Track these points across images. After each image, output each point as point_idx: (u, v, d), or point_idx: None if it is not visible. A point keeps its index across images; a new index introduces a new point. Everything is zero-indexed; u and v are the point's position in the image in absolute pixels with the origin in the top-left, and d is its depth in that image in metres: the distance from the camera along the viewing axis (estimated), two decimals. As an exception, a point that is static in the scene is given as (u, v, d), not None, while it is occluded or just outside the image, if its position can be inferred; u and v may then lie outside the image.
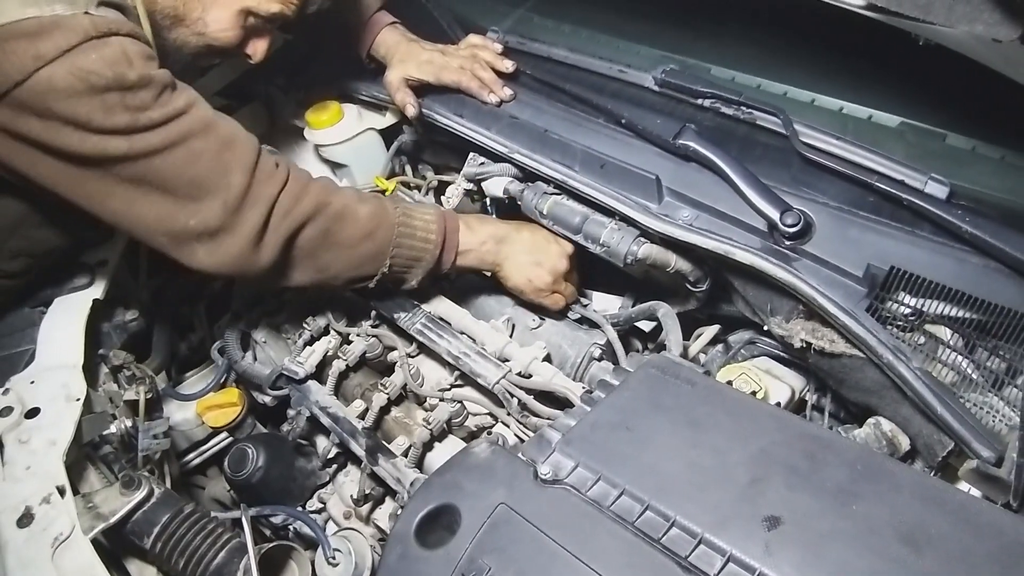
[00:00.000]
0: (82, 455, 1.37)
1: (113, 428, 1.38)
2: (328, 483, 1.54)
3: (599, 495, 0.94)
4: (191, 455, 1.66)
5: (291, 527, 1.48)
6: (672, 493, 0.93)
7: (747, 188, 1.25)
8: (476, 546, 0.92)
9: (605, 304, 1.55)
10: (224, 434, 1.65)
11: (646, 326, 1.56)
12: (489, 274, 1.49)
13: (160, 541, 1.26)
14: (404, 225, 1.36)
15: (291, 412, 1.56)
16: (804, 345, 1.22)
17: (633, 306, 1.53)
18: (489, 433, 1.34)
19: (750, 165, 1.27)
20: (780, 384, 1.31)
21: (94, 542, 1.20)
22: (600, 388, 1.10)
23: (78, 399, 1.37)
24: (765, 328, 1.33)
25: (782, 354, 1.39)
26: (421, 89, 1.62)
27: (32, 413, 1.36)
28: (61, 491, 1.24)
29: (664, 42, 1.54)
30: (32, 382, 1.41)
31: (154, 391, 1.44)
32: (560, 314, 1.49)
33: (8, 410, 1.36)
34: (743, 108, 1.34)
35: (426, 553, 0.93)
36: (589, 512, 0.93)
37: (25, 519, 1.21)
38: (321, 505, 1.52)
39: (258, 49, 1.43)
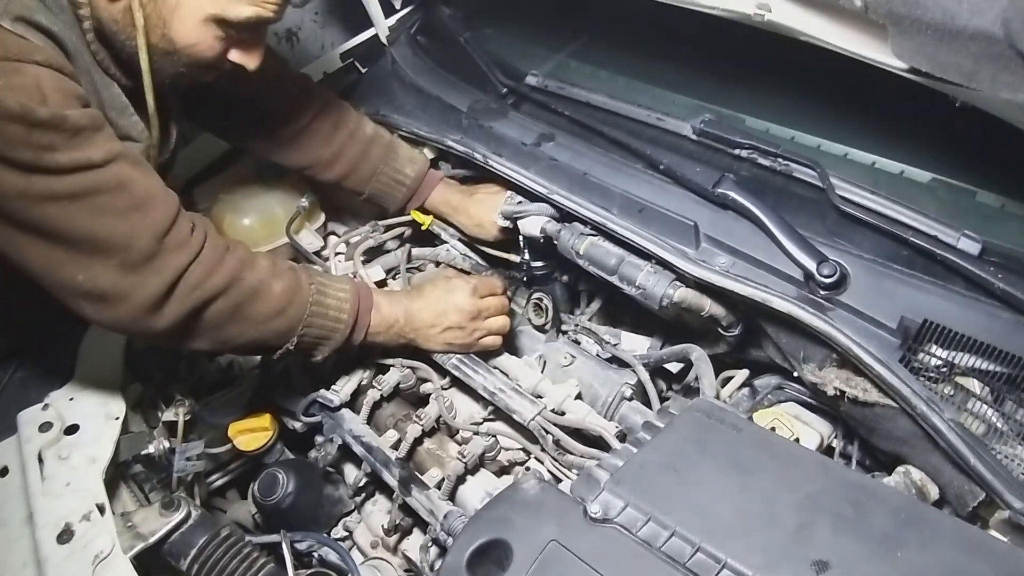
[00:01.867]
0: (116, 473, 1.38)
1: (151, 448, 1.40)
2: (353, 511, 1.56)
3: (649, 535, 0.96)
4: (213, 477, 1.68)
5: (315, 554, 1.49)
6: (722, 535, 0.95)
7: (785, 238, 1.29)
8: (529, 581, 0.94)
9: (633, 344, 1.57)
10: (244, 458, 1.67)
11: (673, 367, 1.58)
12: None
13: (197, 563, 1.27)
14: (317, 304, 1.34)
15: (319, 439, 1.57)
16: (837, 393, 1.25)
17: (662, 347, 1.56)
18: (527, 468, 1.36)
19: (786, 216, 1.31)
20: (809, 430, 1.34)
21: (133, 562, 1.22)
22: (646, 430, 1.12)
23: (117, 418, 1.39)
24: (795, 374, 1.37)
25: (810, 400, 1.42)
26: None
27: (72, 430, 1.38)
28: (101, 509, 1.27)
29: (699, 92, 1.58)
30: (71, 399, 1.43)
31: (192, 414, 1.45)
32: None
33: (48, 425, 1.38)
34: (779, 160, 1.39)
35: (479, 587, 0.96)
36: (640, 552, 0.95)
37: (65, 535, 1.23)
38: (346, 533, 1.53)
39: (250, 56, 1.33)
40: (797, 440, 1.28)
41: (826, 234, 1.32)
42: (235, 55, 1.31)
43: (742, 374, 1.42)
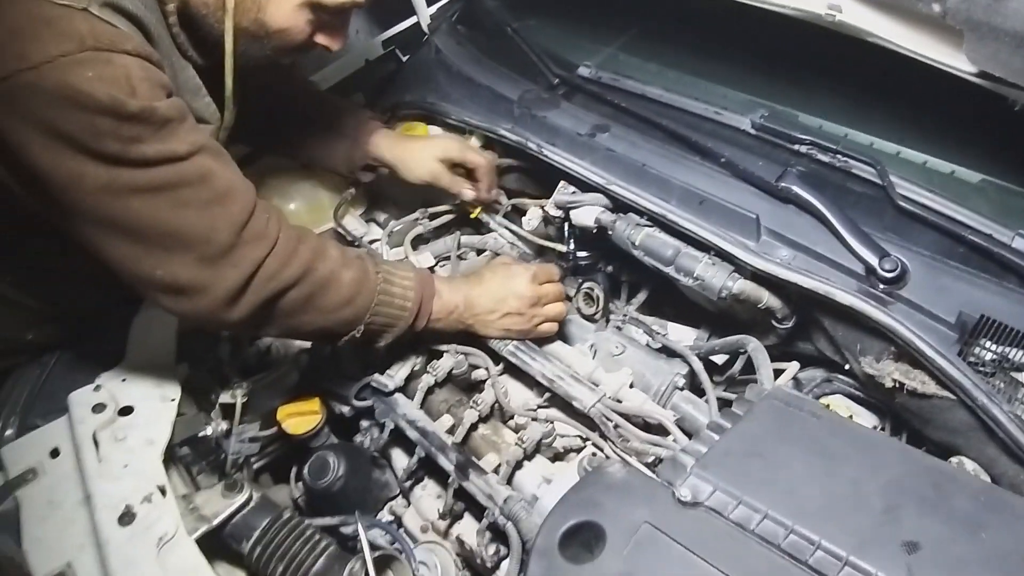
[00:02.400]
0: (168, 456, 1.37)
1: (209, 430, 1.39)
2: (397, 495, 1.56)
3: (742, 518, 0.99)
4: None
5: (360, 538, 1.49)
6: (812, 518, 0.97)
7: (847, 233, 1.32)
8: (626, 562, 0.95)
9: (680, 335, 1.60)
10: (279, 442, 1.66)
11: (718, 359, 1.61)
12: None
13: (259, 546, 1.27)
14: (384, 292, 1.34)
15: (364, 424, 1.57)
16: (895, 385, 1.28)
17: (709, 339, 1.59)
18: (593, 454, 1.37)
19: (846, 211, 1.34)
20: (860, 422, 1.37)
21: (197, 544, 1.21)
22: (725, 417, 1.14)
23: (173, 399, 1.39)
24: (846, 367, 1.40)
25: (857, 393, 1.45)
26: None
27: (126, 411, 1.37)
28: (162, 491, 1.26)
29: (752, 87, 1.61)
30: (123, 379, 1.42)
31: (249, 396, 1.44)
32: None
33: (101, 407, 1.37)
34: (839, 156, 1.42)
35: (575, 568, 0.96)
36: (734, 535, 0.97)
37: (126, 517, 1.22)
38: (392, 517, 1.53)
39: (335, 39, 1.33)
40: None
41: (884, 230, 1.35)
42: (321, 38, 1.31)
43: (793, 366, 1.45)
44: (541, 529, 1.02)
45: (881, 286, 1.29)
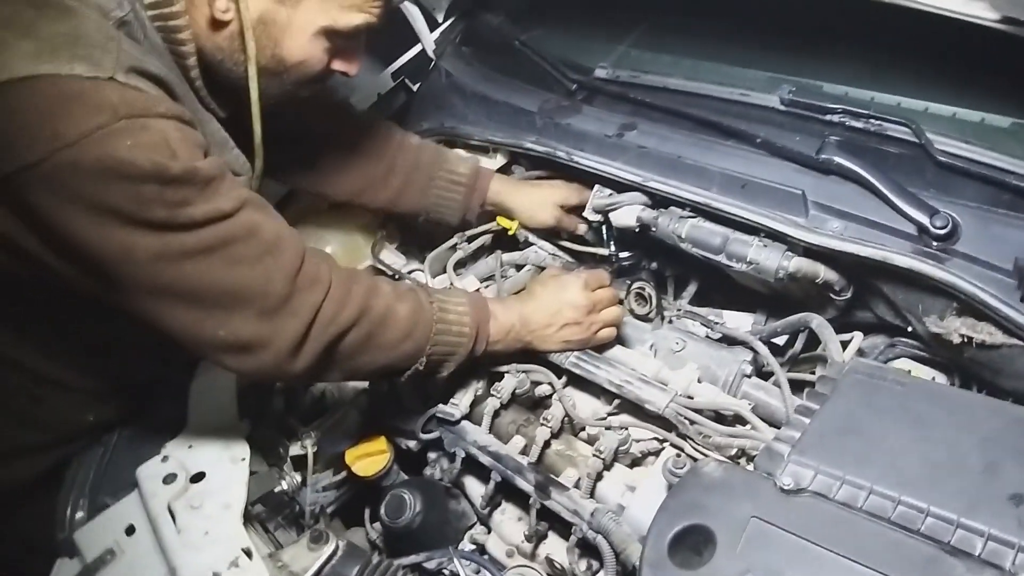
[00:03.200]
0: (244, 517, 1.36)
1: (285, 484, 1.38)
2: (475, 524, 1.55)
3: (848, 498, 0.97)
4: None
5: (446, 570, 1.47)
6: (917, 487, 0.96)
7: (894, 195, 1.30)
8: (740, 559, 0.94)
9: (737, 322, 1.58)
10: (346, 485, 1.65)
11: (775, 341, 1.59)
12: None
13: (354, 595, 1.25)
14: (441, 321, 1.32)
15: (431, 456, 1.56)
16: (963, 340, 1.26)
17: (766, 322, 1.57)
18: (677, 455, 1.35)
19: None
20: (927, 383, 1.35)
21: (291, 602, 1.20)
22: (810, 398, 1.13)
23: (243, 459, 1.37)
24: (909, 329, 1.38)
25: (921, 354, 1.43)
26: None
27: (198, 477, 1.35)
28: (248, 553, 1.24)
29: (771, 64, 1.60)
30: (190, 446, 1.40)
31: (317, 444, 1.43)
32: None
33: (172, 477, 1.35)
34: (871, 121, 1.41)
35: (689, 574, 0.95)
36: (843, 515, 0.95)
37: (214, 586, 1.20)
38: (473, 546, 1.52)
39: (351, 64, 1.32)
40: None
41: (927, 187, 1.34)
42: (338, 64, 1.29)
43: (858, 337, 1.43)
44: (648, 539, 1.00)
45: (935, 244, 1.27)
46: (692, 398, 1.37)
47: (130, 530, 1.33)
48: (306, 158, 1.65)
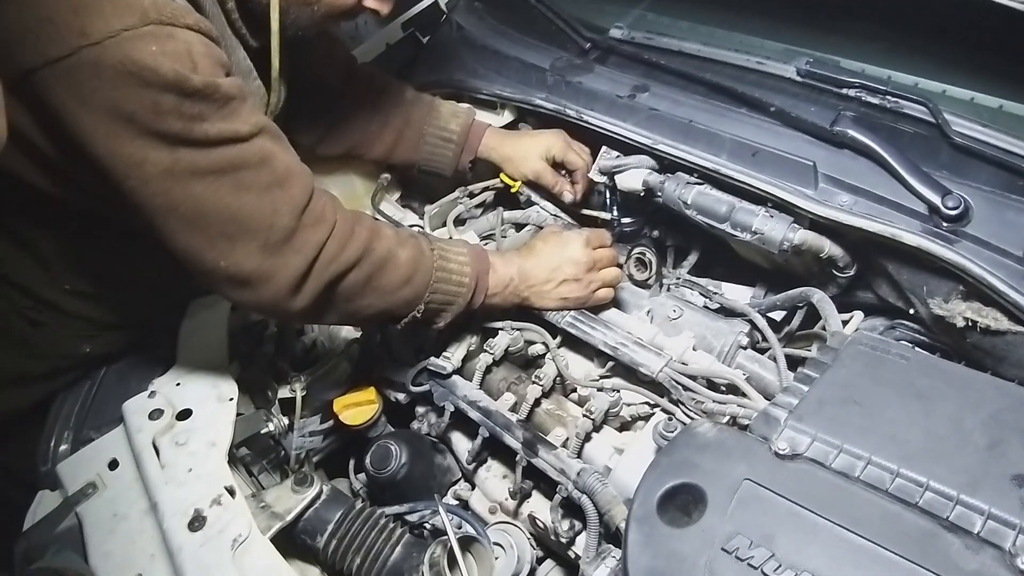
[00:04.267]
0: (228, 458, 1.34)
1: (271, 427, 1.36)
2: (459, 480, 1.54)
3: (845, 466, 0.96)
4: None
5: (428, 523, 1.47)
6: (917, 460, 0.95)
7: (907, 173, 1.29)
8: (732, 520, 0.93)
9: (736, 294, 1.57)
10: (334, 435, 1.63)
11: (775, 315, 1.58)
12: None
13: (335, 539, 1.25)
14: (441, 269, 1.32)
15: (420, 410, 1.55)
16: (967, 324, 1.25)
17: (765, 296, 1.56)
18: (669, 419, 1.34)
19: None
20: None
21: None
22: (810, 367, 1.11)
23: (231, 399, 1.36)
24: (911, 312, 1.37)
25: (922, 339, 1.42)
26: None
27: (184, 415, 1.34)
28: (231, 492, 1.23)
29: (789, 36, 1.58)
30: (178, 384, 1.39)
31: (307, 389, 1.42)
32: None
33: (158, 413, 1.34)
34: (888, 97, 1.38)
35: (678, 532, 0.94)
36: (839, 483, 0.94)
37: (197, 522, 1.19)
38: (456, 502, 1.51)
39: (384, 2, 1.30)
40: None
41: (940, 168, 1.32)
42: (370, 1, 1.27)
43: (858, 316, 1.42)
44: (636, 494, 0.99)
45: (945, 224, 1.26)
46: (686, 365, 1.36)
47: (113, 464, 1.32)
48: (306, 112, 1.63)
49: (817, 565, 0.87)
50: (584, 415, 1.35)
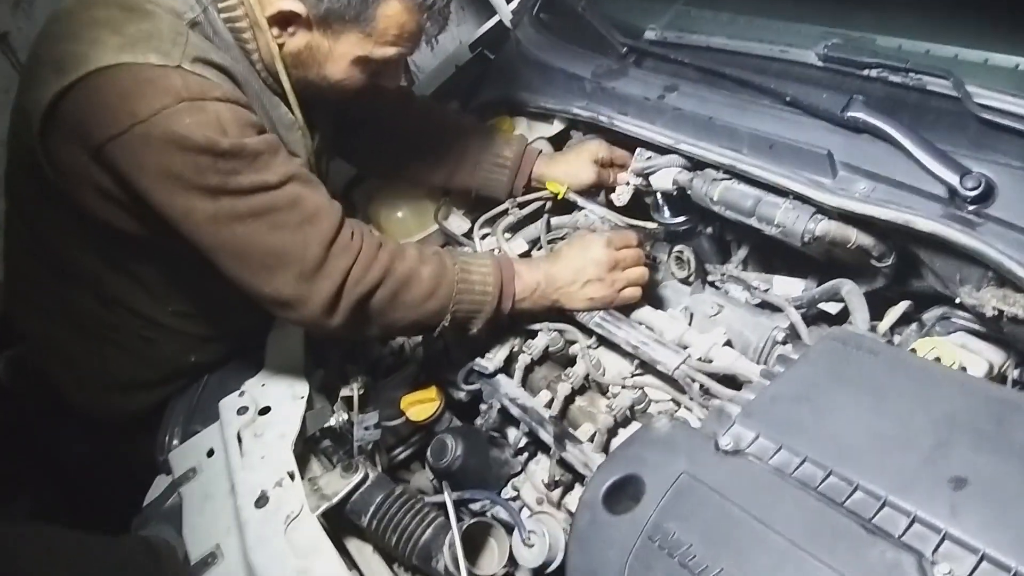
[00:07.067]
0: (307, 448, 1.52)
1: (332, 421, 1.54)
2: (519, 472, 1.63)
3: (781, 463, 0.96)
4: (397, 450, 1.81)
5: (488, 513, 1.57)
6: (854, 459, 0.93)
7: (922, 154, 1.22)
8: (661, 512, 0.96)
9: (787, 288, 1.53)
10: (424, 431, 1.78)
11: (832, 308, 1.52)
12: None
13: (376, 519, 1.38)
14: (463, 281, 1.44)
15: (483, 406, 1.66)
16: (996, 313, 1.16)
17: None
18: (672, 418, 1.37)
19: (924, 132, 1.24)
20: (977, 359, 1.24)
21: (319, 519, 1.35)
22: (780, 363, 1.11)
23: (302, 397, 1.54)
24: (958, 301, 1.28)
25: (979, 328, 1.33)
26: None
27: (264, 411, 1.53)
28: (291, 476, 1.40)
29: (824, 17, 1.52)
30: (263, 384, 1.59)
31: (365, 388, 1.58)
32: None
33: (244, 409, 1.54)
34: (911, 74, 1.31)
35: (614, 519, 0.99)
36: (771, 480, 0.95)
37: (261, 501, 1.37)
38: (515, 493, 1.60)
39: (391, 81, 1.51)
40: (963, 370, 1.20)
41: (968, 146, 1.24)
42: (379, 79, 1.47)
43: (901, 306, 1.35)
44: (588, 484, 1.05)
45: (968, 207, 1.18)
46: (711, 361, 1.37)
47: (210, 452, 1.54)
48: (369, 144, 1.84)
49: (728, 560, 0.88)
50: (605, 411, 1.40)
